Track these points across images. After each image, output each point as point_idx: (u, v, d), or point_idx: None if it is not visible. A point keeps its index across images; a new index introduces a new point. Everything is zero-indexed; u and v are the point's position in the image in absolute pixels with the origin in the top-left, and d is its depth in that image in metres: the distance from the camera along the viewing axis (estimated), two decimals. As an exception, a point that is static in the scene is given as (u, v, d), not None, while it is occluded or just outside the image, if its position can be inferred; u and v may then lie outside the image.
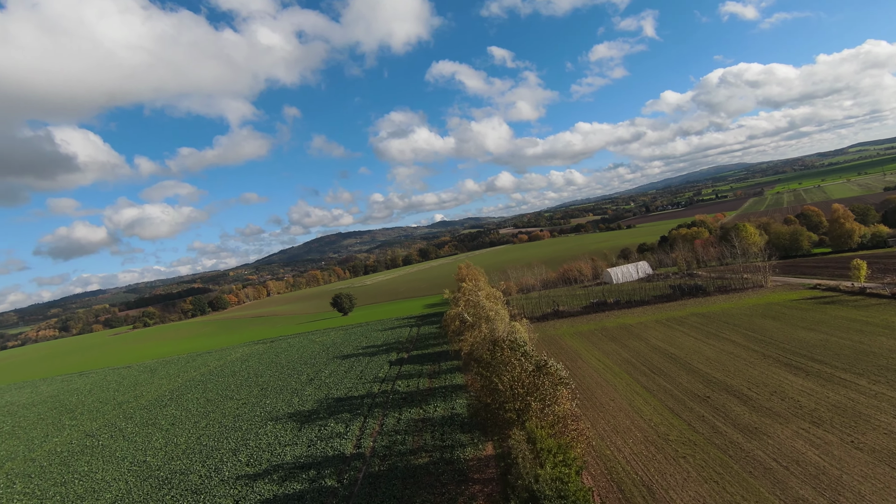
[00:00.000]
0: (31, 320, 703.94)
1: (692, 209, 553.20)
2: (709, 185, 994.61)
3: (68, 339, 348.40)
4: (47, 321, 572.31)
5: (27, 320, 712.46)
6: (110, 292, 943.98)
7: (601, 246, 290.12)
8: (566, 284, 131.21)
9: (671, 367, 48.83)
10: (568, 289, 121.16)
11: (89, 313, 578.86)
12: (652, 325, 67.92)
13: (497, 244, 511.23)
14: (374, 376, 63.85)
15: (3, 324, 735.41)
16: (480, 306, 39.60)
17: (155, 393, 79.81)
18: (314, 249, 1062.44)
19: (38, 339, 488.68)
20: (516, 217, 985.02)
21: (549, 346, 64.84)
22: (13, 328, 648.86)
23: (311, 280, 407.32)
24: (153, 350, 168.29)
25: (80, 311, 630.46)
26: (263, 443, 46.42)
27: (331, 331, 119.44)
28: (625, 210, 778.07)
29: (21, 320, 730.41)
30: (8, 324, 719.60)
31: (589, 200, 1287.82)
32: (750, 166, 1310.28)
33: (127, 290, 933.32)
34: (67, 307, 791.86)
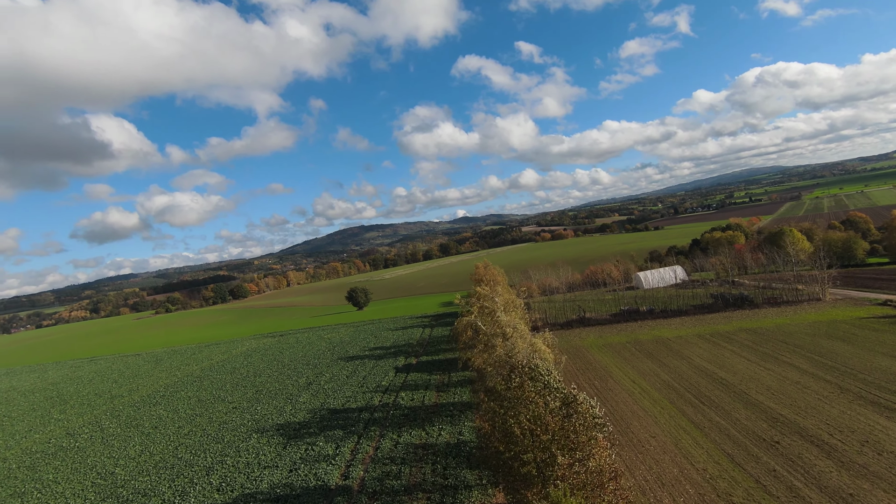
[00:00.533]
0: (66, 300, 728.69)
1: (724, 212, 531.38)
2: (741, 187, 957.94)
3: (94, 322, 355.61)
4: (80, 302, 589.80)
5: (62, 300, 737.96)
6: (141, 276, 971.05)
7: (627, 247, 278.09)
8: (592, 287, 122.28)
9: (723, 397, 40.54)
10: (594, 292, 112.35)
11: (119, 296, 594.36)
12: (693, 340, 59.23)
13: (519, 242, 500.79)
14: (377, 385, 57.24)
15: (40, 303, 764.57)
16: (497, 321, 32.33)
17: (151, 388, 75.27)
18: (337, 241, 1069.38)
19: (70, 319, 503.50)
20: (539, 215, 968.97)
21: (575, 359, 57.01)
22: (49, 307, 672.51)
23: (331, 272, 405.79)
24: (168, 337, 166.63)
25: (111, 294, 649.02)
26: (242, 462, 40.29)
27: (341, 327, 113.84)
28: (652, 211, 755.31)
29: (57, 300, 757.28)
30: (45, 303, 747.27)
31: (615, 200, 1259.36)
32: (786, 169, 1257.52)
33: (156, 274, 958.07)
34: (100, 289, 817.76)
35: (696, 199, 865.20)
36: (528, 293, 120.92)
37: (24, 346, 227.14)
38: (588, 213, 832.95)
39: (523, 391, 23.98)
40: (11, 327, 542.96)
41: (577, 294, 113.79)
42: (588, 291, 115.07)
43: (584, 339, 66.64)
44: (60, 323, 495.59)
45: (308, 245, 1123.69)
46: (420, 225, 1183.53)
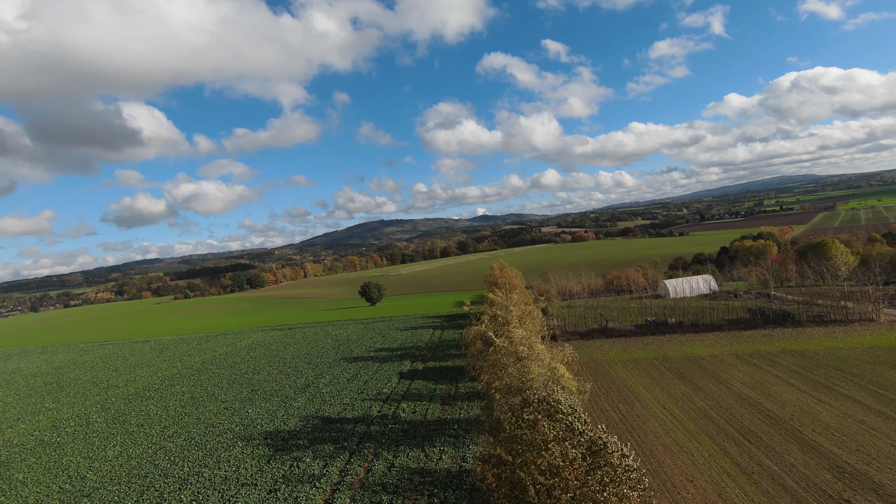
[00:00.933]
0: (94, 282, 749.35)
1: (753, 220, 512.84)
2: (771, 195, 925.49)
3: (116, 304, 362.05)
4: (106, 284, 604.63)
5: (91, 282, 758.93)
6: (166, 261, 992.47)
7: (650, 253, 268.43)
8: (614, 294, 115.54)
9: (773, 434, 34.55)
10: (617, 299, 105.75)
11: (143, 280, 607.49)
12: (730, 360, 52.87)
13: (538, 242, 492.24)
14: (378, 392, 52.64)
15: (70, 283, 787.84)
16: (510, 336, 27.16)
17: (148, 379, 72.37)
18: (356, 234, 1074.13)
19: (96, 300, 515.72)
20: (560, 216, 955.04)
21: (596, 375, 51.37)
22: (77, 288, 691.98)
23: (349, 265, 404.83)
24: (180, 324, 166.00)
25: (136, 278, 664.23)
26: (220, 476, 36.12)
27: (351, 323, 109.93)
28: (676, 216, 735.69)
29: (86, 281, 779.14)
30: (74, 283, 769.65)
31: (638, 204, 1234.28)
32: (819, 178, 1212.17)
33: (180, 260, 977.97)
34: (127, 272, 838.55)
35: (723, 205, 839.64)
36: (547, 297, 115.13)
37: (45, 325, 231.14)
38: (610, 215, 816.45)
39: (538, 433, 18.82)
40: (40, 306, 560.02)
41: (598, 300, 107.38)
42: (610, 298, 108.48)
43: (607, 353, 60.76)
44: (86, 303, 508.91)
45: (328, 237, 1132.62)
46: (439, 221, 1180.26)
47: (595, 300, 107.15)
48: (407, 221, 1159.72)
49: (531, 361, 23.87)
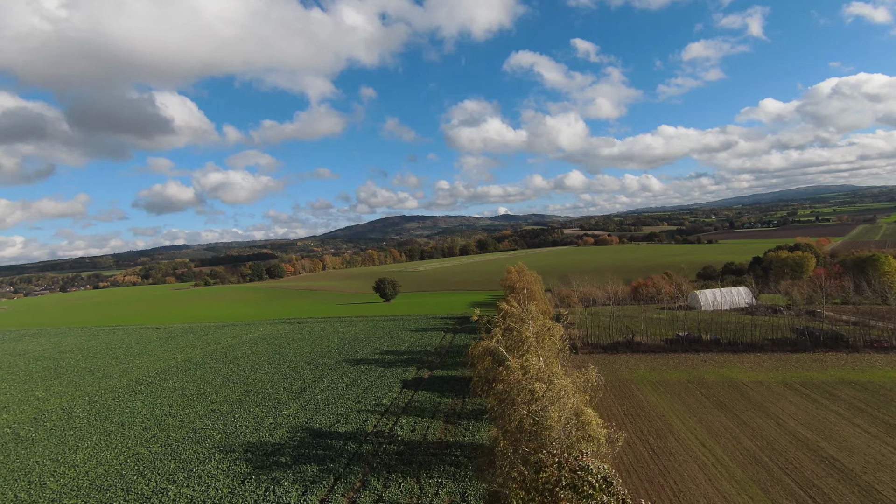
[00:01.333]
0: (123, 265, 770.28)
1: (786, 230, 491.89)
2: (806, 205, 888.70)
3: (140, 288, 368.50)
4: (134, 268, 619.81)
5: (120, 265, 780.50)
6: (192, 248, 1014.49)
7: (677, 260, 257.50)
8: (640, 302, 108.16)
9: (844, 493, 28.04)
10: (643, 309, 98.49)
11: (169, 265, 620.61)
12: (778, 389, 46.00)
13: (560, 244, 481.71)
14: (377, 402, 47.66)
15: (101, 265, 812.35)
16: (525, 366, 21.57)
17: (145, 371, 69.22)
18: (377, 229, 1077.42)
19: (123, 283, 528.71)
20: (583, 218, 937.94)
21: (622, 398, 45.26)
22: (108, 270, 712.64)
23: (367, 259, 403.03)
24: (194, 311, 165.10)
25: (163, 263, 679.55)
26: (186, 496, 31.61)
27: (361, 321, 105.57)
28: (704, 223, 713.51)
29: (115, 264, 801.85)
30: (105, 266, 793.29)
31: (664, 209, 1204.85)
32: (858, 189, 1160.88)
33: (206, 248, 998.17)
34: (154, 257, 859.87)
35: (754, 213, 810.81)
36: (568, 303, 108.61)
37: (69, 306, 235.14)
38: (635, 219, 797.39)
39: None
40: (71, 286, 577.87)
41: (623, 309, 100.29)
42: (637, 307, 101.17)
43: (634, 371, 54.39)
44: (114, 286, 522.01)
45: (349, 231, 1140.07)
46: (460, 219, 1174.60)
47: (620, 309, 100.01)
48: (428, 218, 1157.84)
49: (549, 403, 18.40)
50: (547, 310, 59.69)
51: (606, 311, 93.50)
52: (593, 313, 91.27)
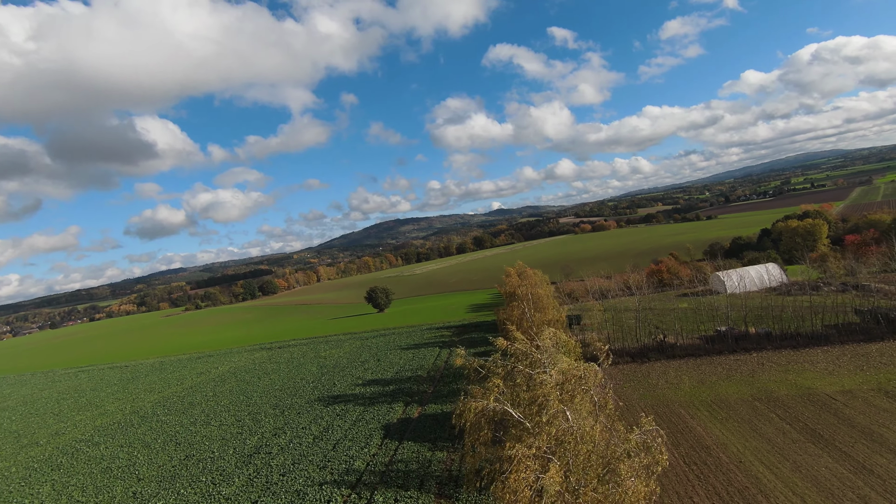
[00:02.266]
0: (119, 294, 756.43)
1: (783, 199, 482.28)
2: (798, 173, 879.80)
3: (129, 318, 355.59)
4: (129, 297, 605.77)
5: (116, 294, 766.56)
6: (189, 270, 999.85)
7: (680, 239, 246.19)
8: (656, 289, 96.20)
9: None
10: (661, 297, 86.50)
11: (164, 290, 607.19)
12: (879, 401, 33.97)
13: (557, 234, 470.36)
14: (347, 467, 35.44)
15: (97, 296, 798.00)
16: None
17: (80, 431, 56.85)
18: (373, 235, 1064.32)
19: (119, 312, 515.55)
20: (578, 206, 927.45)
21: (673, 433, 33.05)
22: (104, 301, 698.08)
23: (363, 266, 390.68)
24: (177, 340, 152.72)
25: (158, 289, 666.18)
26: None
27: (347, 339, 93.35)
28: (699, 200, 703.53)
29: (112, 294, 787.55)
30: (101, 296, 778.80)
31: (657, 189, 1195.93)
32: (847, 153, 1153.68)
33: (202, 269, 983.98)
34: (151, 283, 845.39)
35: (747, 186, 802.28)
36: (575, 295, 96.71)
37: (51, 345, 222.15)
38: (629, 202, 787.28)
39: None
40: (67, 320, 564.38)
41: (640, 298, 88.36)
42: (656, 296, 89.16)
43: (677, 387, 42.31)
44: (109, 316, 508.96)
45: (345, 239, 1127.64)
46: (455, 217, 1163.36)
47: (635, 299, 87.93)
48: (423, 219, 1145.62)
49: None
50: (559, 319, 47.68)
51: (624, 305, 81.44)
52: (610, 309, 79.22)
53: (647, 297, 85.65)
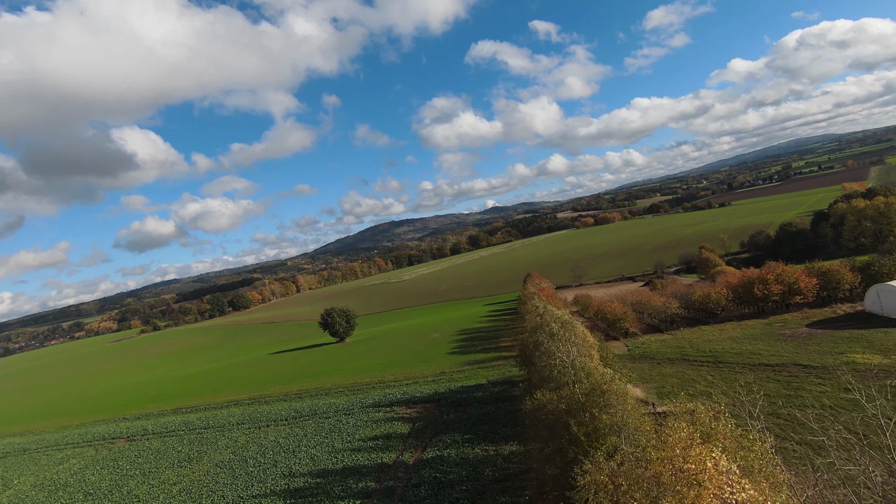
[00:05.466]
0: (108, 308, 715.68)
1: (793, 183, 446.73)
2: (793, 158, 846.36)
3: (75, 344, 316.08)
4: (110, 313, 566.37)
5: (104, 309, 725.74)
6: (182, 282, 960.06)
7: (702, 229, 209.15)
8: (743, 310, 58.64)
9: None
10: (762, 326, 49.40)
11: (149, 304, 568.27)
12: None
13: (556, 229, 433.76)
14: None
15: (85, 312, 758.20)
16: None
17: None
18: (367, 238, 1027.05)
19: (99, 330, 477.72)
20: (573, 200, 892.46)
21: None
22: (90, 317, 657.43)
23: (349, 273, 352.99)
24: (99, 382, 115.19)
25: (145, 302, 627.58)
26: None
27: (281, 404, 55.92)
28: (699, 189, 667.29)
29: (101, 309, 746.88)
30: (88, 312, 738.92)
31: (651, 181, 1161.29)
32: (840, 137, 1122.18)
33: (195, 279, 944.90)
34: (141, 296, 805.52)
35: (744, 173, 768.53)
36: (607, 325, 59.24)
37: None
38: (626, 194, 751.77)
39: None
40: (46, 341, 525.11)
41: (727, 331, 50.96)
42: (750, 326, 51.49)
43: None
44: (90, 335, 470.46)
45: (340, 243, 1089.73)
46: (450, 217, 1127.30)
47: (717, 329, 50.16)
48: (417, 220, 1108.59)
49: None
50: None
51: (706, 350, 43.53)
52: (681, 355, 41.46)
53: (733, 325, 48.10)
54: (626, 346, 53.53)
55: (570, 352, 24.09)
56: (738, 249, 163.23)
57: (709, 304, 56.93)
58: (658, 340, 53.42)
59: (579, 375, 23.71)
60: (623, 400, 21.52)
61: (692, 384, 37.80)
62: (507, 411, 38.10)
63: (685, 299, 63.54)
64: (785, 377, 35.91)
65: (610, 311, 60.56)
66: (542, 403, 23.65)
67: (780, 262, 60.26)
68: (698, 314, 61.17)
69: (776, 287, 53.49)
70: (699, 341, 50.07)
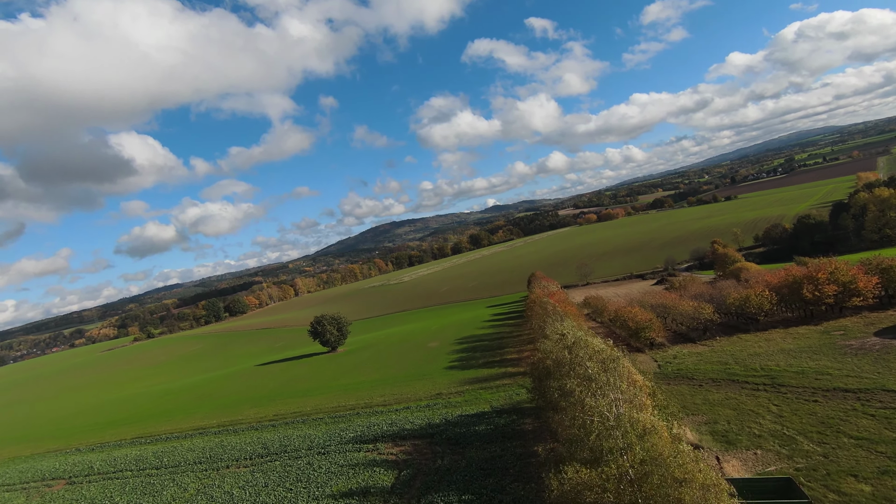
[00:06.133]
0: (109, 315, 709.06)
1: (798, 175, 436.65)
2: (795, 151, 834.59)
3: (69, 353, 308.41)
4: (110, 319, 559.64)
5: (105, 315, 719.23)
6: (184, 286, 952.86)
7: (711, 223, 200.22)
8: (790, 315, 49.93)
9: None
10: (815, 333, 40.90)
11: (150, 310, 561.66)
12: None
13: (558, 226, 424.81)
14: None
15: (86, 319, 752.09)
16: None
17: None
18: (369, 239, 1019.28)
19: (99, 337, 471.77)
20: (574, 197, 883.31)
21: None
22: (91, 324, 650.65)
23: (348, 275, 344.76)
24: (78, 397, 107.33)
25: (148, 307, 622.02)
26: None
27: (252, 433, 47.84)
28: (701, 183, 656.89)
29: (100, 315, 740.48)
30: (90, 319, 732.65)
31: (652, 176, 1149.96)
32: (842, 129, 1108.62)
33: (197, 284, 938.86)
34: (143, 302, 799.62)
35: (746, 167, 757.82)
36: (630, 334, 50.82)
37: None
38: (628, 190, 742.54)
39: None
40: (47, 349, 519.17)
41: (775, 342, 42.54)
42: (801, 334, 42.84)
43: None
44: (90, 342, 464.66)
45: (341, 245, 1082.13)
46: (451, 217, 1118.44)
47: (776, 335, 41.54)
48: (418, 220, 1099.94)
49: None
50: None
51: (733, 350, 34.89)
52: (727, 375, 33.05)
53: (787, 336, 39.48)
54: (654, 361, 45.10)
55: (615, 404, 15.64)
56: (752, 244, 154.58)
57: (748, 309, 48.37)
58: (692, 353, 44.91)
59: (630, 439, 15.42)
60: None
61: (753, 419, 29.30)
62: (517, 456, 29.71)
63: (717, 302, 54.97)
64: (878, 409, 27.40)
65: (631, 317, 52.02)
66: (576, 487, 15.29)
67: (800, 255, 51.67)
68: (733, 319, 52.64)
69: (830, 288, 44.92)
70: (744, 355, 41.59)
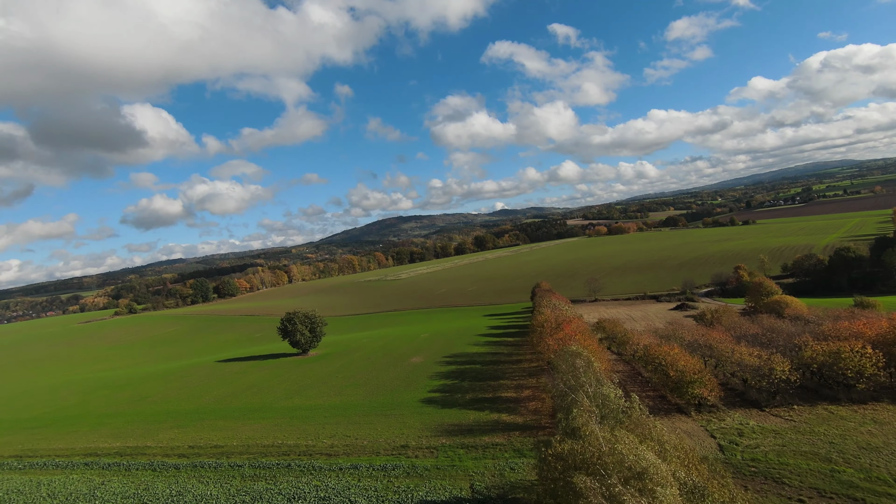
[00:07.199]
0: (109, 283, 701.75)
1: (818, 206, 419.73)
2: (811, 181, 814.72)
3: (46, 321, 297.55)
4: (105, 289, 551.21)
5: (104, 284, 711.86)
6: (187, 262, 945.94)
7: (730, 247, 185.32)
8: None
9: None
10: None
11: (146, 282, 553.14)
12: None
13: (566, 236, 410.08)
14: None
15: (86, 286, 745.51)
16: None
17: None
18: (374, 231, 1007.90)
19: (90, 306, 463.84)
20: (583, 208, 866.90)
21: None
22: (89, 291, 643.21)
23: (346, 266, 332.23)
24: (22, 378, 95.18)
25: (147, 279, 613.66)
26: None
27: (158, 471, 34.96)
28: (714, 205, 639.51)
29: (99, 283, 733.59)
30: (89, 286, 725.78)
31: (664, 194, 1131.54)
32: (861, 163, 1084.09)
33: (199, 260, 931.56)
34: (144, 273, 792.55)
35: (760, 192, 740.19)
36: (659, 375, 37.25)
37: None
38: (639, 206, 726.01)
39: None
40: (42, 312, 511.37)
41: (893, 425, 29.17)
42: None
43: None
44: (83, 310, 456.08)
45: (346, 235, 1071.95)
46: (458, 216, 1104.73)
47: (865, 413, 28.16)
48: (425, 217, 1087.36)
49: None
50: None
51: None
52: None
53: None
54: (708, 434, 31.46)
55: None
56: (779, 273, 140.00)
57: (841, 370, 34.69)
58: (767, 431, 31.19)
59: None
60: None
61: None
62: None
63: (780, 349, 41.39)
64: None
65: (670, 362, 38.40)
66: None
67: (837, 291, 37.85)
68: (810, 379, 38.96)
69: None
70: (850, 445, 27.95)
